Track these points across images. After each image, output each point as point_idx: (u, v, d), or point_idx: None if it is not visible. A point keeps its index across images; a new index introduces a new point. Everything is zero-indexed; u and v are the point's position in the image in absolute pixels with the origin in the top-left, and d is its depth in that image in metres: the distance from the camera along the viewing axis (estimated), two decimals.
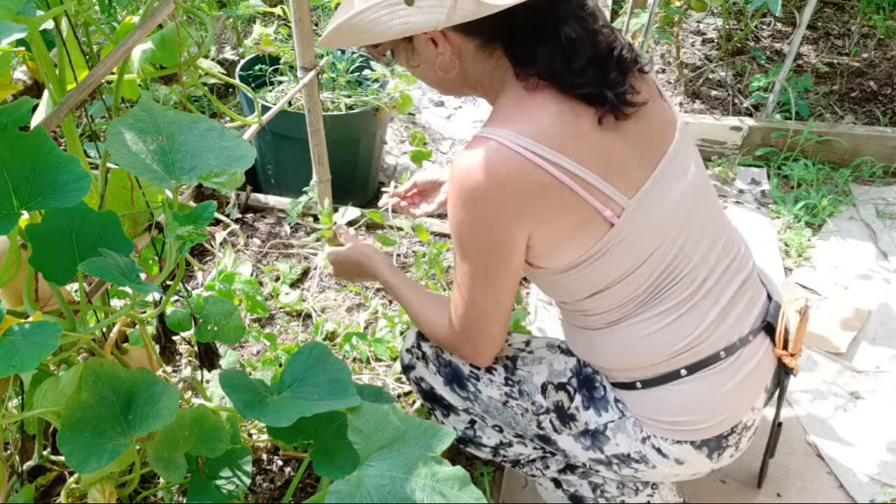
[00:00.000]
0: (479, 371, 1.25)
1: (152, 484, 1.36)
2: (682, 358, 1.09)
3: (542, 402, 1.20)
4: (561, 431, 1.21)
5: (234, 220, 2.12)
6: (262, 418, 0.98)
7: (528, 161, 0.95)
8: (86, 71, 1.13)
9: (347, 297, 1.93)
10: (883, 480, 1.57)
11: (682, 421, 1.11)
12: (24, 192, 0.84)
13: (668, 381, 1.11)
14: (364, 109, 2.30)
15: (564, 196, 0.98)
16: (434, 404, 1.33)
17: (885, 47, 3.32)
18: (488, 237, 1.02)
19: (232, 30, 3.12)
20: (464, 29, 0.99)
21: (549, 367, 1.23)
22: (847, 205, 2.44)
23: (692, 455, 1.14)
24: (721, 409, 1.12)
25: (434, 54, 1.04)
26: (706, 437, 1.13)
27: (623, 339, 1.11)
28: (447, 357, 1.27)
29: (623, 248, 1.03)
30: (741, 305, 1.13)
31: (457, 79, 1.08)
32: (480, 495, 0.90)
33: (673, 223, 1.05)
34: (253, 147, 1.05)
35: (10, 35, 0.73)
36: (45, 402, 0.98)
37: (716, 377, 1.10)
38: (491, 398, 1.24)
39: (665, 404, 1.12)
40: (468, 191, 0.98)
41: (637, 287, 1.07)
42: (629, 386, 1.14)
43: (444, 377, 1.28)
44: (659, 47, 3.35)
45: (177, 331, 1.29)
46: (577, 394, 1.19)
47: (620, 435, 1.16)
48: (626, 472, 1.19)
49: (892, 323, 1.98)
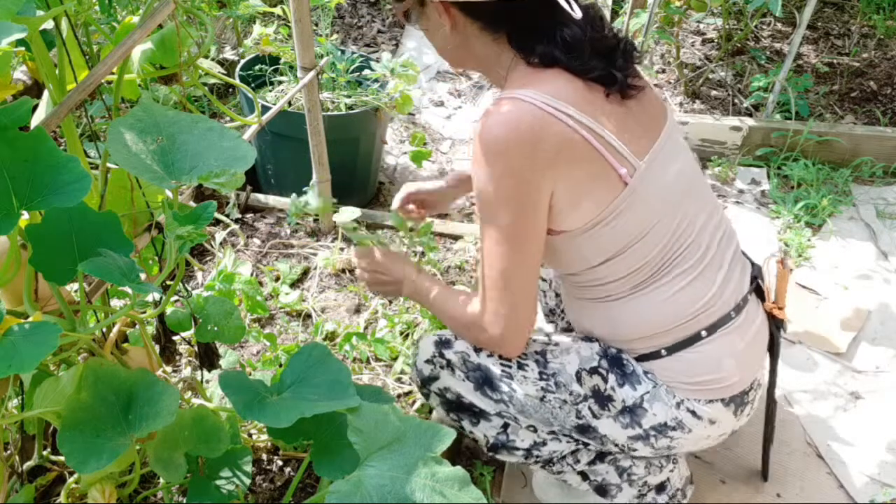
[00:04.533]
0: (511, 370, 1.22)
1: (152, 484, 1.36)
2: (700, 319, 1.17)
3: (578, 390, 1.21)
4: (600, 416, 1.22)
5: (234, 220, 2.12)
6: (261, 419, 0.98)
7: (551, 115, 1.03)
8: (86, 71, 1.13)
9: (347, 297, 1.93)
10: (883, 480, 1.57)
11: (710, 380, 1.19)
12: (24, 192, 0.84)
13: (691, 343, 1.18)
14: (364, 109, 2.30)
15: (584, 150, 1.05)
16: (461, 414, 1.27)
17: (885, 47, 3.32)
18: (515, 192, 1.06)
19: (232, 30, 3.12)
20: (466, 9, 1.10)
21: (577, 355, 1.24)
22: (847, 205, 2.44)
23: (722, 413, 1.21)
24: (741, 366, 1.21)
25: (437, 24, 1.14)
26: (733, 394, 1.21)
27: (644, 305, 1.17)
28: (475, 360, 1.23)
29: (635, 209, 1.10)
30: (737, 270, 1.23)
31: (460, 52, 1.18)
32: (480, 495, 0.90)
33: (675, 192, 1.14)
34: (253, 147, 1.05)
35: (10, 35, 0.73)
36: (45, 402, 0.98)
37: (732, 335, 1.19)
38: (527, 395, 1.22)
39: (692, 366, 1.19)
40: (494, 145, 1.04)
41: (648, 252, 1.13)
42: (654, 355, 1.20)
43: (473, 382, 1.23)
44: (659, 47, 3.35)
45: (177, 331, 1.29)
46: (610, 374, 1.22)
47: (657, 404, 1.20)
48: (661, 444, 1.23)
49: (892, 323, 1.98)
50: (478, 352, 1.24)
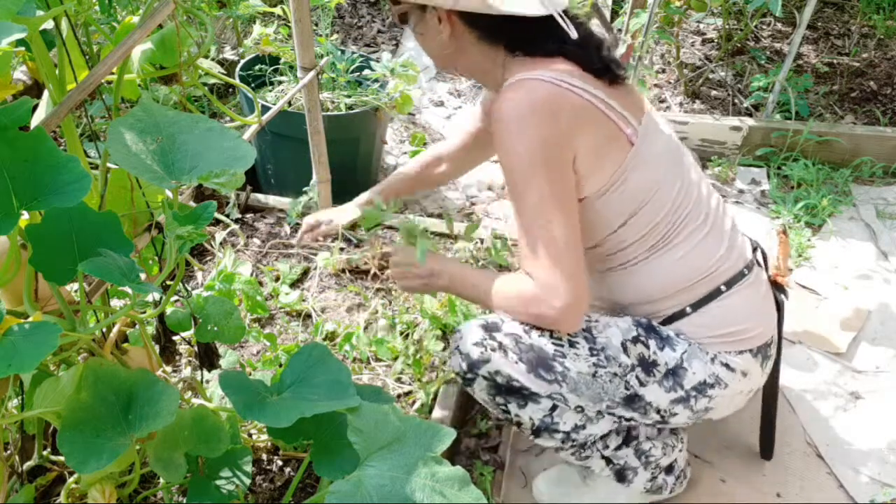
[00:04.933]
0: (563, 348, 1.23)
1: (152, 484, 1.36)
2: (717, 275, 1.26)
3: (626, 360, 1.24)
4: (646, 383, 1.26)
5: (234, 220, 2.12)
6: (261, 419, 0.98)
7: (563, 88, 1.15)
8: (86, 71, 1.13)
9: (347, 297, 1.93)
10: (883, 480, 1.57)
11: (736, 331, 1.27)
12: (24, 192, 0.84)
13: (713, 298, 1.27)
14: (364, 109, 2.30)
15: (597, 115, 1.18)
16: (509, 398, 1.26)
17: (885, 47, 3.32)
18: (547, 157, 1.14)
19: (232, 30, 3.12)
20: (466, 19, 1.21)
21: (617, 328, 1.27)
22: (847, 205, 2.44)
23: (752, 364, 1.30)
24: (761, 318, 1.32)
25: (436, 31, 1.24)
26: (759, 345, 1.30)
27: (665, 263, 1.26)
28: (528, 341, 1.22)
29: (640, 171, 1.20)
30: (739, 238, 1.34)
31: (455, 58, 1.28)
32: (480, 495, 0.90)
33: (669, 158, 1.26)
34: (253, 147, 1.05)
35: (10, 35, 0.73)
36: (45, 402, 0.98)
37: (748, 290, 1.29)
38: (580, 373, 1.23)
39: (718, 319, 1.27)
40: (518, 120, 1.13)
41: (657, 213, 1.23)
42: (680, 314, 1.28)
43: (526, 363, 1.22)
44: (659, 47, 3.35)
45: (177, 331, 1.29)
46: (650, 339, 1.27)
47: (695, 361, 1.26)
48: (700, 406, 1.28)
49: (892, 323, 1.98)
50: (529, 332, 1.23)
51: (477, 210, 2.41)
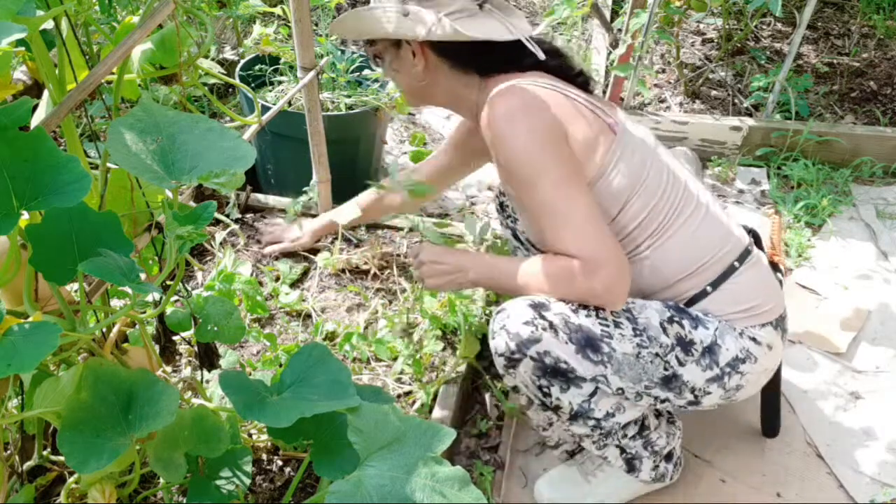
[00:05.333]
0: (609, 328, 1.24)
1: (152, 484, 1.36)
2: (727, 253, 1.32)
3: (666, 340, 1.26)
4: (685, 363, 1.27)
5: (234, 220, 2.12)
6: (261, 419, 0.98)
7: (547, 89, 1.26)
8: (86, 71, 1.13)
9: (347, 297, 1.93)
10: (883, 480, 1.57)
11: (756, 305, 1.32)
12: (24, 192, 0.84)
13: (729, 275, 1.31)
14: (364, 109, 2.30)
15: (579, 109, 1.27)
16: (553, 380, 1.25)
17: (885, 47, 3.32)
18: (546, 140, 1.21)
19: (232, 30, 3.12)
20: (438, 50, 1.32)
21: (653, 309, 1.29)
22: (847, 205, 2.44)
23: (774, 337, 1.34)
24: (773, 291, 1.37)
25: (410, 64, 1.34)
26: (777, 317, 1.35)
27: (676, 244, 1.30)
28: (576, 321, 1.22)
29: (626, 158, 1.27)
30: (734, 221, 1.39)
31: (428, 90, 1.39)
32: (480, 495, 0.90)
33: (650, 148, 1.32)
34: (253, 147, 1.05)
35: (10, 35, 0.73)
36: (45, 402, 0.98)
37: (757, 266, 1.36)
38: (625, 354, 1.24)
39: (737, 295, 1.31)
40: (509, 117, 1.21)
41: (651, 198, 1.28)
42: (702, 294, 1.31)
43: (576, 344, 1.22)
44: (659, 47, 3.35)
45: (177, 331, 1.29)
46: (684, 320, 1.29)
47: (727, 337, 1.29)
48: (732, 384, 1.31)
49: (892, 323, 1.98)
50: (577, 312, 1.23)
51: (477, 210, 2.41)
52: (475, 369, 1.76)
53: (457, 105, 1.42)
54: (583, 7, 2.79)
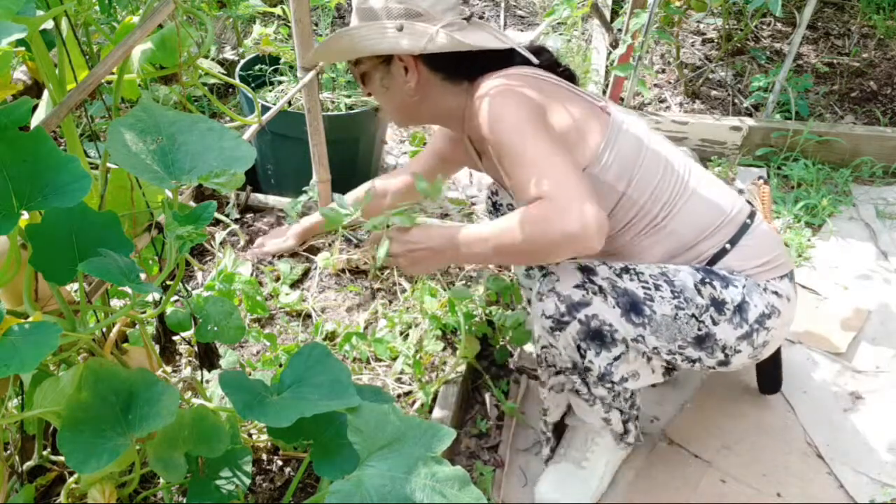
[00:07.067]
0: (650, 291, 1.28)
1: (152, 484, 1.36)
2: (741, 211, 1.38)
3: (700, 301, 1.29)
4: (719, 322, 1.31)
5: (233, 220, 2.12)
6: (261, 419, 0.98)
7: (535, 77, 1.31)
8: (86, 71, 1.13)
9: (347, 297, 1.93)
10: (883, 480, 1.57)
11: (772, 258, 1.37)
12: (24, 192, 0.84)
13: (744, 232, 1.37)
14: (364, 109, 2.30)
15: (568, 95, 1.33)
16: (592, 343, 1.26)
17: (885, 47, 3.32)
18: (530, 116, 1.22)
19: (232, 30, 3.12)
20: (431, 63, 1.32)
21: (686, 272, 1.32)
22: (847, 205, 2.44)
23: (790, 290, 1.39)
24: (782, 247, 1.42)
25: (402, 81, 1.34)
26: (791, 270, 1.41)
27: (690, 207, 1.34)
28: (622, 285, 1.27)
29: (625, 131, 1.32)
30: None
31: (417, 107, 1.39)
32: (480, 495, 0.90)
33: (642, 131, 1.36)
34: (253, 147, 1.05)
35: (10, 35, 0.73)
36: (45, 402, 0.98)
37: (763, 225, 1.41)
38: (664, 315, 1.28)
39: (754, 249, 1.36)
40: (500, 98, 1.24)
41: (654, 176, 1.32)
42: (722, 253, 1.35)
43: (621, 308, 1.26)
44: (659, 47, 3.35)
45: (177, 331, 1.29)
46: (714, 280, 1.32)
47: (754, 294, 1.33)
48: (760, 340, 1.35)
49: (892, 323, 1.98)
50: (620, 276, 1.28)
51: (477, 210, 2.41)
52: (475, 369, 1.76)
53: (445, 117, 1.44)
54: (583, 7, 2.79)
